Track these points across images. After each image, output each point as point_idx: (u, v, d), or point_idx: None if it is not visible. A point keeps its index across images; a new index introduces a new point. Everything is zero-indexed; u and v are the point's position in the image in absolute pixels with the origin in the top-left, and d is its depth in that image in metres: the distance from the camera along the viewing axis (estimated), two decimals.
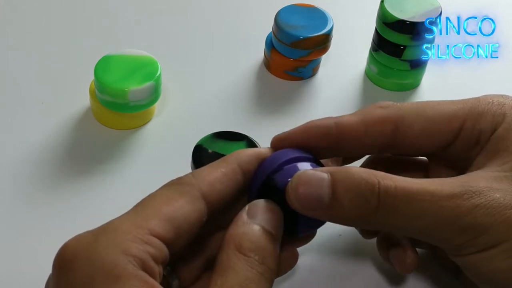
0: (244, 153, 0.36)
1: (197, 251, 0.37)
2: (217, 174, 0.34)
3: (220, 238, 0.36)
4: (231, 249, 0.32)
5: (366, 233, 0.42)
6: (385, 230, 0.38)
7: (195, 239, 0.34)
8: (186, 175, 0.34)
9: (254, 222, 0.33)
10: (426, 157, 0.42)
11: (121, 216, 0.32)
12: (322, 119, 0.38)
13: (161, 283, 0.31)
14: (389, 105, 0.39)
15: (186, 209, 0.32)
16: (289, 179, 0.35)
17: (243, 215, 0.34)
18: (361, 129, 0.38)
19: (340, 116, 0.38)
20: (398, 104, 0.39)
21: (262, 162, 0.36)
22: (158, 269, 0.31)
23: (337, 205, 0.34)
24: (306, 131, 0.38)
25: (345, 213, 0.34)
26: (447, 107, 0.39)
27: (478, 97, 0.40)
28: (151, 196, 0.33)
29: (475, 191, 0.35)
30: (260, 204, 0.34)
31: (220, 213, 0.35)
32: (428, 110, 0.39)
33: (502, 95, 0.40)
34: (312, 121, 0.38)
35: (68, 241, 0.31)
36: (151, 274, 0.30)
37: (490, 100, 0.39)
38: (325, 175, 0.34)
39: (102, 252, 0.30)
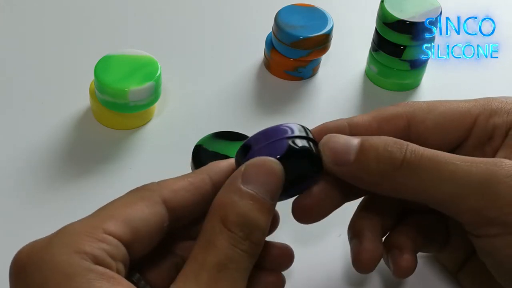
0: (217, 165, 0.35)
1: (167, 255, 0.36)
2: (183, 183, 0.33)
3: (190, 246, 0.35)
4: (216, 221, 0.31)
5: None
6: (408, 196, 0.35)
7: (159, 243, 0.33)
8: (151, 183, 0.34)
9: (247, 189, 0.31)
10: None
11: (78, 220, 0.32)
12: (334, 120, 0.38)
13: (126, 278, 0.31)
14: (400, 103, 0.39)
15: (144, 212, 0.32)
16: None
17: (238, 179, 0.32)
18: (374, 126, 0.38)
19: (352, 117, 0.38)
20: (410, 102, 0.39)
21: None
22: (116, 265, 0.30)
23: (363, 159, 0.34)
24: (320, 132, 0.37)
25: (370, 168, 0.34)
26: (460, 104, 0.39)
27: (491, 97, 0.40)
28: (111, 201, 0.33)
29: (508, 161, 0.33)
30: (259, 164, 0.32)
31: (189, 223, 0.34)
32: (440, 106, 0.39)
33: None
34: (325, 123, 0.38)
35: (22, 247, 0.31)
36: (108, 268, 0.30)
37: (504, 100, 0.39)
38: (357, 138, 0.35)
39: (55, 254, 0.29)
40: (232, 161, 0.35)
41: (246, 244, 0.31)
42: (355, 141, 0.35)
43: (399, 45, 0.55)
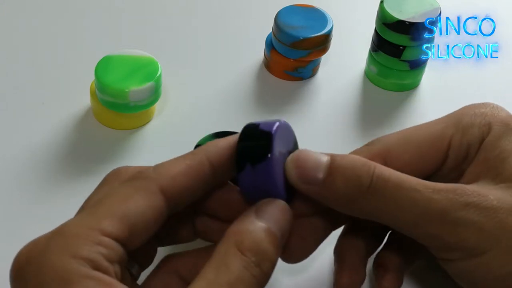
0: (214, 145, 0.35)
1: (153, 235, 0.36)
2: (181, 167, 0.33)
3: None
4: (231, 245, 0.31)
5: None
6: (374, 218, 0.36)
7: (156, 232, 0.33)
8: (148, 168, 0.34)
9: (260, 222, 0.32)
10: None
11: (74, 217, 0.32)
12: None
13: (121, 277, 0.31)
14: (373, 141, 0.39)
15: (141, 206, 0.32)
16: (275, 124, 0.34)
17: (252, 212, 0.33)
18: None
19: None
20: (382, 137, 0.39)
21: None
22: (113, 268, 0.30)
23: (331, 180, 0.34)
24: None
25: (338, 191, 0.34)
26: (432, 128, 0.39)
27: (460, 110, 0.39)
28: (108, 194, 0.32)
29: (469, 189, 0.34)
30: (271, 203, 0.33)
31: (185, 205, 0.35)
32: (413, 137, 0.39)
33: (483, 104, 0.40)
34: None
35: (22, 248, 0.31)
36: (106, 273, 0.30)
37: (472, 112, 0.39)
38: (326, 156, 0.35)
39: (52, 258, 0.29)
40: (230, 140, 0.35)
41: (257, 270, 0.31)
42: (324, 159, 0.35)
43: (398, 45, 0.55)
